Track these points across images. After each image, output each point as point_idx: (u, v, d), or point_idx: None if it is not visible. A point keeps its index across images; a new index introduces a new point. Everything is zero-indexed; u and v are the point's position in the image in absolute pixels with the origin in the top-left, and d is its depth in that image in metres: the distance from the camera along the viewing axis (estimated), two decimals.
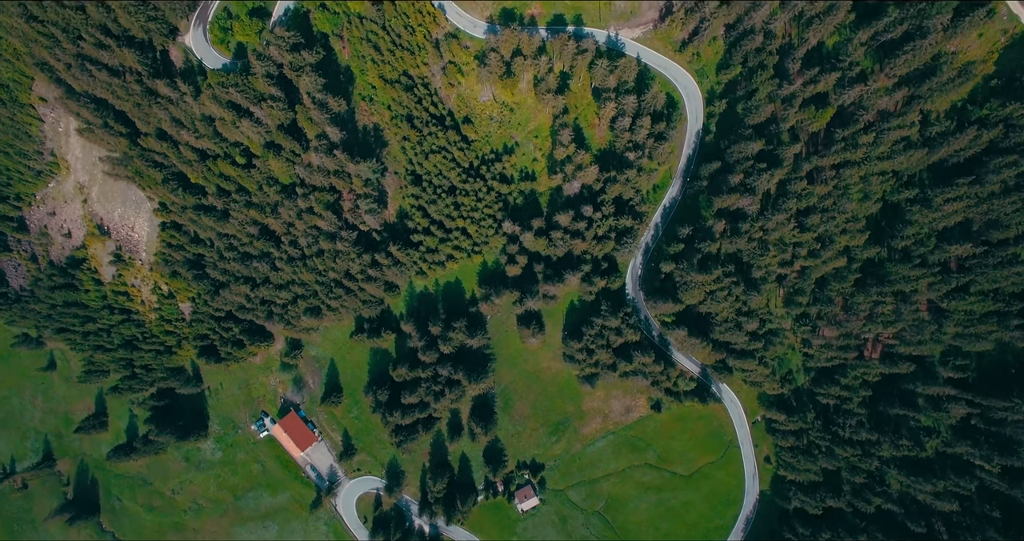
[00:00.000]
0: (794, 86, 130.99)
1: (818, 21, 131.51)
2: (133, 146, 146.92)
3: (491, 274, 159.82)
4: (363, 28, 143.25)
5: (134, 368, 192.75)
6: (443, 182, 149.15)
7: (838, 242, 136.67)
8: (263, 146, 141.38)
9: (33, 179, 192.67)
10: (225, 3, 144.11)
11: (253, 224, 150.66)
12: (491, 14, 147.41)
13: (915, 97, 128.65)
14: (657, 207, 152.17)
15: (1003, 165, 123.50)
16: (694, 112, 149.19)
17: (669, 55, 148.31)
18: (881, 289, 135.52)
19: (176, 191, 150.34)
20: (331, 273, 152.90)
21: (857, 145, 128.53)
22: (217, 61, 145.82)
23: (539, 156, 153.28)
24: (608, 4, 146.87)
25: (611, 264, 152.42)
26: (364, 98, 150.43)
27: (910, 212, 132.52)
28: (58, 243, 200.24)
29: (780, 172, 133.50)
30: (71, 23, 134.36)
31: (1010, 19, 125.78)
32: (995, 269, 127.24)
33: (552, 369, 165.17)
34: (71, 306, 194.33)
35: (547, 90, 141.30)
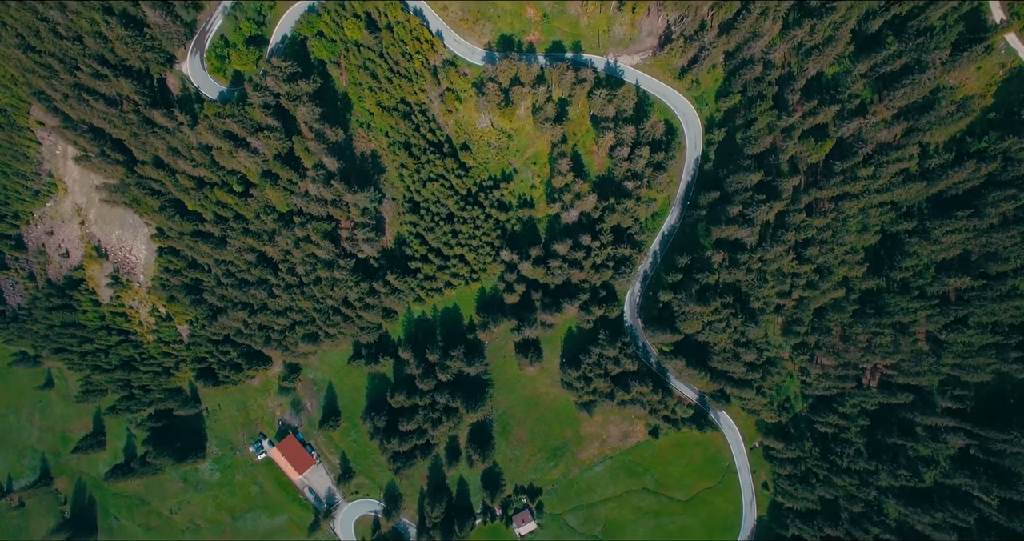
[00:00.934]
0: (793, 118, 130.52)
1: (817, 52, 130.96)
2: (130, 174, 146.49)
3: (489, 300, 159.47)
4: (360, 56, 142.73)
5: (132, 389, 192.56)
6: (441, 210, 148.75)
7: (836, 273, 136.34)
8: (260, 175, 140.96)
9: (31, 199, 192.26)
10: (222, 31, 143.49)
11: (250, 251, 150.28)
12: (489, 41, 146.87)
13: (914, 129, 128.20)
14: (656, 235, 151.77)
15: (1002, 198, 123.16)
16: (693, 139, 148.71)
17: (668, 82, 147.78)
18: (879, 320, 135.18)
19: (173, 218, 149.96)
20: (329, 300, 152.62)
21: (856, 178, 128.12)
22: (214, 89, 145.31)
23: (537, 183, 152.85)
24: (607, 31, 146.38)
25: (609, 292, 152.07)
26: (361, 125, 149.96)
27: (909, 244, 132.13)
28: (56, 262, 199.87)
29: (779, 204, 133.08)
30: (68, 53, 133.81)
31: (1008, 53, 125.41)
32: (994, 302, 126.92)
33: (550, 395, 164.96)
34: (68, 326, 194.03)
35: (545, 119, 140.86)
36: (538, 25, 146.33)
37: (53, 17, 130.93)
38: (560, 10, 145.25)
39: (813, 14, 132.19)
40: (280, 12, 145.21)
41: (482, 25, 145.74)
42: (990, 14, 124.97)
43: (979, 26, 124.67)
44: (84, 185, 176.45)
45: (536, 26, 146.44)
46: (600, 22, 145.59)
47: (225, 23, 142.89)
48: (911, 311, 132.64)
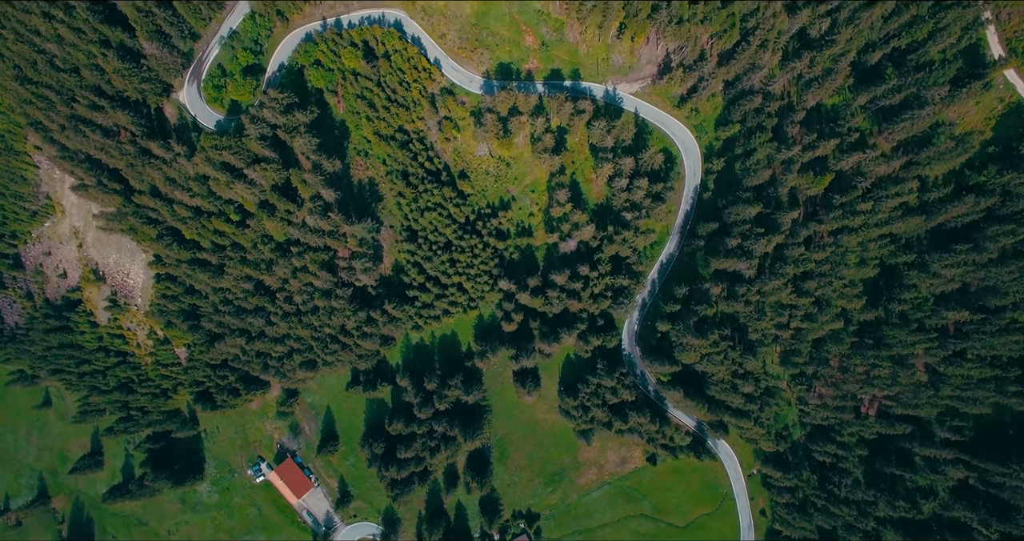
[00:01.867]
0: (792, 151, 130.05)
1: (817, 84, 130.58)
2: (127, 203, 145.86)
3: (487, 327, 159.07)
4: (358, 85, 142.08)
5: (130, 410, 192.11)
6: (439, 238, 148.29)
7: (835, 306, 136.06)
8: (257, 206, 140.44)
9: (28, 219, 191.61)
10: (219, 60, 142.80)
11: (248, 280, 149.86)
12: (487, 69, 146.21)
13: (913, 163, 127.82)
14: (654, 263, 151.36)
15: (1000, 233, 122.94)
16: (692, 167, 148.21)
17: (667, 110, 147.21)
18: (878, 353, 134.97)
19: (171, 246, 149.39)
20: (326, 329, 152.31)
21: (855, 212, 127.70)
22: (211, 118, 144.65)
23: (535, 210, 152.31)
24: (606, 59, 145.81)
25: (607, 321, 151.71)
26: (359, 153, 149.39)
27: (908, 276, 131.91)
28: (53, 282, 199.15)
29: (777, 237, 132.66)
30: (65, 85, 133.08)
31: (1006, 87, 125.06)
32: (992, 336, 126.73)
33: (548, 421, 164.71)
34: (66, 347, 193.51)
35: (544, 149, 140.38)
36: (537, 53, 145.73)
37: (50, 49, 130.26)
38: (559, 38, 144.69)
39: (813, 46, 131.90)
40: (277, 40, 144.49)
41: (480, 53, 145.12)
42: (988, 49, 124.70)
43: (978, 61, 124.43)
44: (81, 209, 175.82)
45: (535, 54, 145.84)
46: (599, 50, 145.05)
47: (222, 52, 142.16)
48: (910, 344, 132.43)
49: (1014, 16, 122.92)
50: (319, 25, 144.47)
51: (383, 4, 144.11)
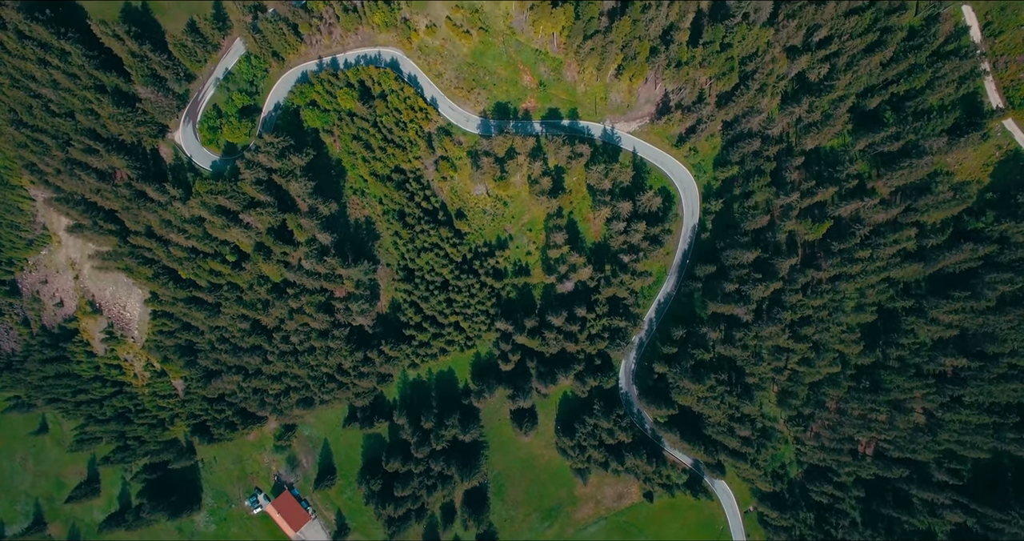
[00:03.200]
0: (791, 198, 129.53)
1: (816, 129, 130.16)
2: (123, 243, 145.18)
3: (484, 364, 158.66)
4: (354, 125, 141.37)
5: (126, 440, 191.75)
6: (436, 278, 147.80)
7: (833, 350, 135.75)
8: (253, 249, 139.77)
9: (24, 247, 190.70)
10: (215, 101, 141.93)
11: (244, 319, 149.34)
12: (484, 108, 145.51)
13: (912, 209, 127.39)
14: (652, 302, 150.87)
15: (999, 281, 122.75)
16: (690, 207, 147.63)
17: (665, 149, 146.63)
18: (875, 397, 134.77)
19: (167, 285, 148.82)
20: (323, 368, 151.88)
21: (854, 260, 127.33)
22: (207, 158, 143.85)
23: (533, 249, 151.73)
24: (604, 98, 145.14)
25: (604, 360, 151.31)
26: (355, 192, 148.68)
27: (906, 322, 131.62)
28: (50, 309, 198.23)
29: (775, 284, 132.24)
30: (60, 129, 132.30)
31: (1004, 135, 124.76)
32: (991, 383, 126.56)
33: (545, 456, 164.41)
34: (62, 377, 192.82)
35: (541, 191, 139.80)
36: (534, 92, 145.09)
37: (45, 94, 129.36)
38: (557, 77, 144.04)
39: (812, 90, 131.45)
40: (273, 80, 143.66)
41: (477, 93, 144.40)
42: (986, 97, 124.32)
43: (976, 109, 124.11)
44: (77, 241, 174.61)
45: (532, 93, 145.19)
46: (597, 89, 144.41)
47: (217, 93, 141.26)
48: (907, 389, 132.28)
49: (1011, 65, 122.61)
50: (315, 64, 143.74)
51: (379, 43, 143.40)
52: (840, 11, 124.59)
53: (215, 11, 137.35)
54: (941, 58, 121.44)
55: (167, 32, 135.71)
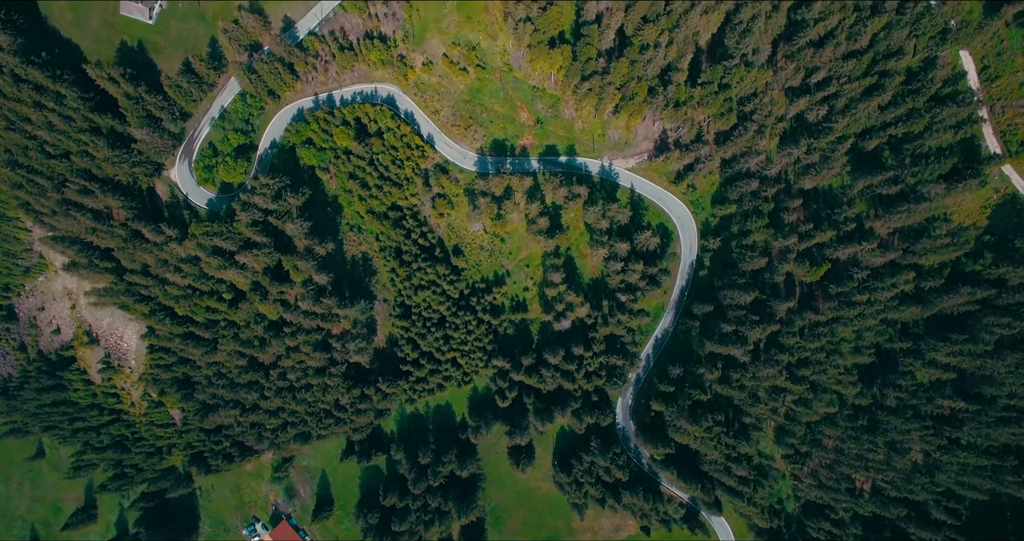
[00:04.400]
0: (789, 241, 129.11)
1: (814, 171, 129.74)
2: (119, 280, 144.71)
3: (482, 399, 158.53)
4: (350, 164, 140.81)
5: (124, 468, 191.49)
6: (432, 315, 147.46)
7: (831, 391, 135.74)
8: (250, 288, 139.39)
9: (21, 274, 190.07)
10: (210, 139, 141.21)
11: (241, 356, 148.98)
12: (482, 145, 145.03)
13: (910, 251, 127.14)
14: (649, 338, 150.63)
15: (996, 324, 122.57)
16: (688, 243, 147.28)
17: (663, 185, 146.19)
18: (873, 438, 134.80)
19: (163, 321, 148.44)
20: (320, 404, 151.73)
21: (851, 303, 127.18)
22: (203, 196, 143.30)
23: (530, 285, 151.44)
24: (602, 135, 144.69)
25: (602, 397, 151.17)
26: (352, 228, 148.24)
27: (903, 364, 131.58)
28: (47, 335, 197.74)
29: (772, 327, 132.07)
30: (56, 170, 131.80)
31: (1001, 179, 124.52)
32: (989, 427, 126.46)
33: (542, 488, 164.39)
34: (59, 404, 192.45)
35: (538, 231, 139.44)
36: (531, 129, 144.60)
37: (41, 135, 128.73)
38: (554, 114, 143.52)
39: (810, 130, 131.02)
40: (269, 117, 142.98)
41: (474, 130, 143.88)
42: (983, 140, 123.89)
43: (974, 153, 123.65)
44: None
45: (529, 130, 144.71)
46: (595, 126, 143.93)
47: (213, 131, 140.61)
48: (904, 430, 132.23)
49: (1008, 109, 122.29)
50: (311, 101, 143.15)
51: (376, 79, 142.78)
52: (838, 54, 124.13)
53: (210, 50, 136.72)
54: (939, 103, 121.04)
55: (163, 72, 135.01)
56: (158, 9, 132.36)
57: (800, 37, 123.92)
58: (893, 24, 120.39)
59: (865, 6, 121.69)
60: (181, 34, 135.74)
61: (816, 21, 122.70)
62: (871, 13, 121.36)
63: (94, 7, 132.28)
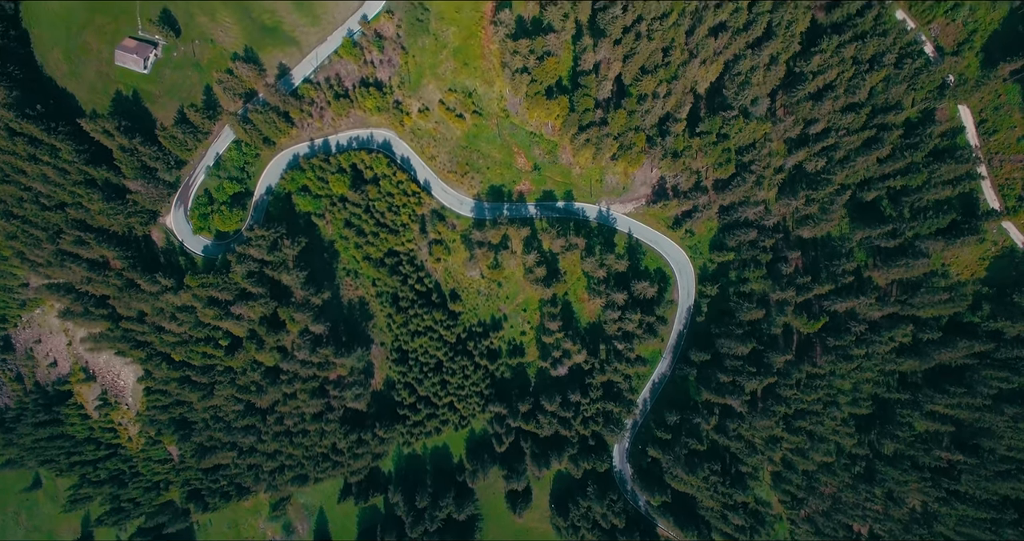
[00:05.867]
0: (787, 293, 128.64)
1: (812, 222, 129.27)
2: (115, 327, 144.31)
3: (479, 440, 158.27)
4: (346, 211, 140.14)
5: (121, 502, 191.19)
6: (429, 360, 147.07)
7: (828, 441, 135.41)
8: (246, 337, 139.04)
9: (18, 307, 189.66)
10: (206, 186, 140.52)
11: (238, 401, 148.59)
12: (478, 191, 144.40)
13: (907, 303, 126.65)
14: (646, 382, 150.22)
15: (995, 378, 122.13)
16: (686, 288, 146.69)
17: (662, 230, 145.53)
18: (870, 487, 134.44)
19: (160, 366, 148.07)
20: (318, 448, 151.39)
21: (849, 357, 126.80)
22: (199, 243, 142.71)
23: (527, 329, 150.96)
24: (600, 180, 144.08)
25: (599, 442, 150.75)
26: (348, 273, 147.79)
27: (901, 415, 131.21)
28: (43, 367, 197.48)
29: (770, 379, 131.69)
30: (50, 221, 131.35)
31: (999, 232, 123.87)
32: (987, 480, 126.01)
33: (539, 529, 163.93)
34: (55, 439, 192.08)
35: (536, 280, 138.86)
36: (529, 175, 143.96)
37: (36, 187, 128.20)
38: (552, 160, 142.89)
39: (809, 180, 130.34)
40: (265, 162, 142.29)
41: (471, 176, 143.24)
42: (982, 194, 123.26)
43: (973, 207, 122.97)
44: None
45: (527, 176, 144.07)
46: (592, 172, 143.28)
47: (208, 179, 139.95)
48: (902, 481, 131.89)
49: (1006, 164, 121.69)
50: (307, 146, 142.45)
51: (372, 125, 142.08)
52: (837, 107, 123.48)
53: (205, 98, 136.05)
54: (938, 157, 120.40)
55: (158, 121, 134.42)
56: (153, 59, 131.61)
57: (799, 89, 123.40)
58: (891, 78, 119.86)
59: (863, 60, 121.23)
60: (176, 82, 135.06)
61: (815, 74, 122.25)
62: (869, 67, 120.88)
63: (90, 58, 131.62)
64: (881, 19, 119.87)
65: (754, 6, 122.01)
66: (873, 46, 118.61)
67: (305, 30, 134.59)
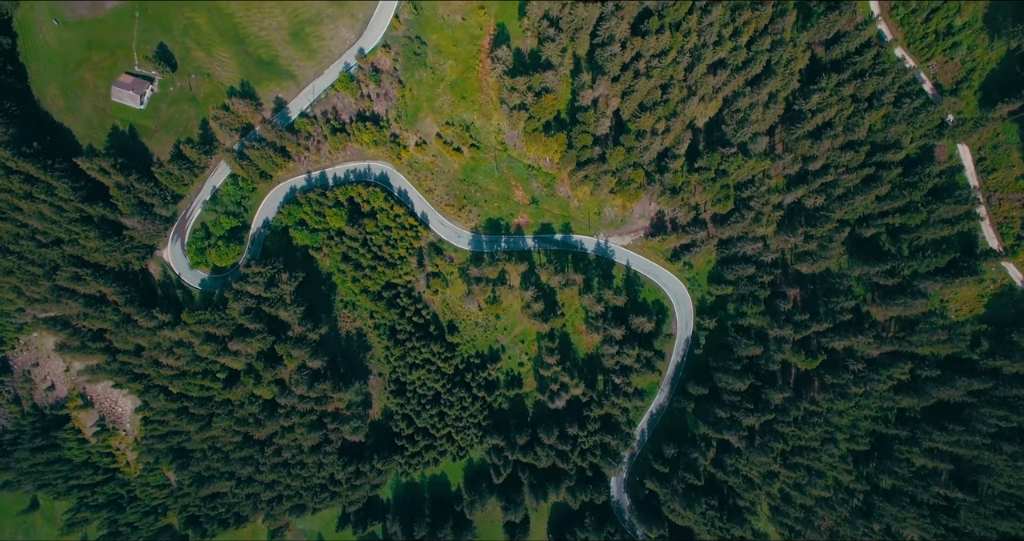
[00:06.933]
0: (784, 331, 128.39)
1: (811, 259, 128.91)
2: (112, 360, 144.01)
3: (477, 469, 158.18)
4: (343, 245, 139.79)
5: (119, 526, 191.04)
6: (427, 392, 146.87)
7: (826, 477, 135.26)
8: (243, 371, 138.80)
9: (15, 331, 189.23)
10: (203, 219, 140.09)
11: (236, 433, 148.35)
12: (476, 225, 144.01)
13: (906, 340, 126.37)
14: (644, 413, 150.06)
15: (993, 416, 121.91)
16: (684, 319, 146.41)
17: (660, 262, 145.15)
18: (868, 523, 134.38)
19: (157, 397, 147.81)
20: (316, 479, 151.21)
21: (847, 396, 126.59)
22: (196, 277, 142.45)
23: (525, 360, 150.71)
24: (598, 213, 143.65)
25: (596, 472, 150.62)
26: (346, 305, 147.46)
27: (900, 451, 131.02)
28: (41, 390, 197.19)
29: (767, 416, 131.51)
30: (47, 257, 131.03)
31: (998, 270, 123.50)
32: (987, 518, 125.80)
33: None
34: (53, 463, 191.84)
35: (533, 315, 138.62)
36: (527, 208, 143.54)
37: (32, 224, 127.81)
38: (549, 193, 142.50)
39: (808, 215, 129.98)
40: (262, 195, 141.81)
41: (469, 210, 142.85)
42: (981, 232, 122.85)
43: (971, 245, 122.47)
44: None
45: (525, 209, 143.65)
46: (591, 205, 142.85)
47: (205, 214, 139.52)
48: (901, 518, 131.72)
49: (1004, 202, 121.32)
50: (303, 179, 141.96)
51: (369, 157, 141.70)
52: (836, 145, 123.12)
53: (202, 132, 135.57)
54: (936, 196, 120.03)
55: (154, 155, 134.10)
56: (149, 94, 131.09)
57: (798, 127, 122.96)
58: (890, 117, 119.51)
59: (863, 98, 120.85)
60: (172, 117, 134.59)
61: (814, 112, 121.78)
62: (868, 105, 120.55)
63: (86, 93, 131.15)
64: (880, 58, 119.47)
65: (753, 44, 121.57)
66: (872, 85, 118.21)
67: (301, 64, 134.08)
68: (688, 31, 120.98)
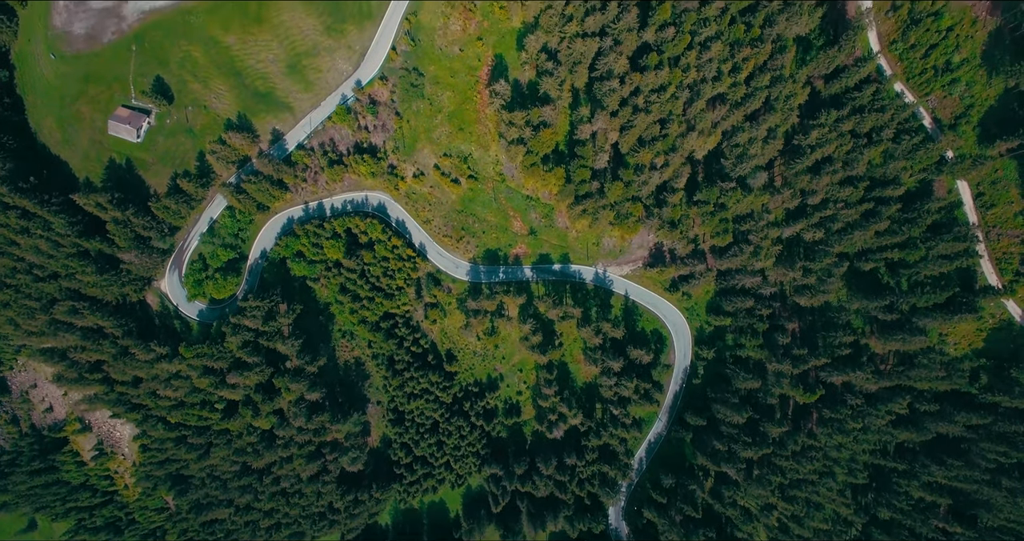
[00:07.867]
0: (783, 366, 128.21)
1: (810, 292, 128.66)
2: (110, 390, 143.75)
3: (475, 496, 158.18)
4: (341, 276, 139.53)
5: None
6: (426, 421, 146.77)
7: (825, 509, 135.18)
8: (242, 403, 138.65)
9: (13, 353, 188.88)
10: (200, 250, 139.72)
11: (234, 462, 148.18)
12: (474, 255, 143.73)
13: (904, 374, 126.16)
14: (642, 442, 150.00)
15: (992, 451, 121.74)
16: (683, 349, 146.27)
17: (658, 292, 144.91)
18: None
19: (155, 427, 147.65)
20: (314, 507, 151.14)
21: (845, 431, 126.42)
22: (194, 308, 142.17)
23: (523, 389, 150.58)
24: (596, 244, 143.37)
25: (594, 501, 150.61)
26: (344, 335, 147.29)
27: (898, 484, 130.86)
28: (39, 411, 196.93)
29: (765, 449, 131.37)
30: (44, 291, 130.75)
31: (997, 306, 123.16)
32: None
33: None
34: (51, 485, 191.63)
35: (531, 347, 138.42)
36: (525, 238, 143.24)
37: (29, 258, 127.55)
38: (548, 223, 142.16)
39: (807, 249, 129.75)
40: (258, 227, 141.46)
41: (467, 241, 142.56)
42: (980, 268, 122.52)
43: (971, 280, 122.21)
44: None
45: (523, 239, 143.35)
46: (589, 236, 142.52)
47: (201, 245, 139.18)
48: None
49: (1003, 238, 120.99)
50: (301, 210, 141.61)
51: (366, 187, 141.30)
52: (835, 180, 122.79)
53: (199, 164, 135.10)
54: (935, 232, 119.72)
55: (151, 187, 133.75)
56: (146, 127, 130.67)
57: (797, 162, 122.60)
58: (890, 153, 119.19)
59: (862, 133, 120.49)
60: (169, 149, 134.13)
61: (813, 147, 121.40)
62: (868, 141, 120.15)
63: (83, 126, 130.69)
64: (880, 93, 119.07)
65: (752, 80, 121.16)
66: (871, 120, 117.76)
67: (298, 96, 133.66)
68: (687, 66, 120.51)
